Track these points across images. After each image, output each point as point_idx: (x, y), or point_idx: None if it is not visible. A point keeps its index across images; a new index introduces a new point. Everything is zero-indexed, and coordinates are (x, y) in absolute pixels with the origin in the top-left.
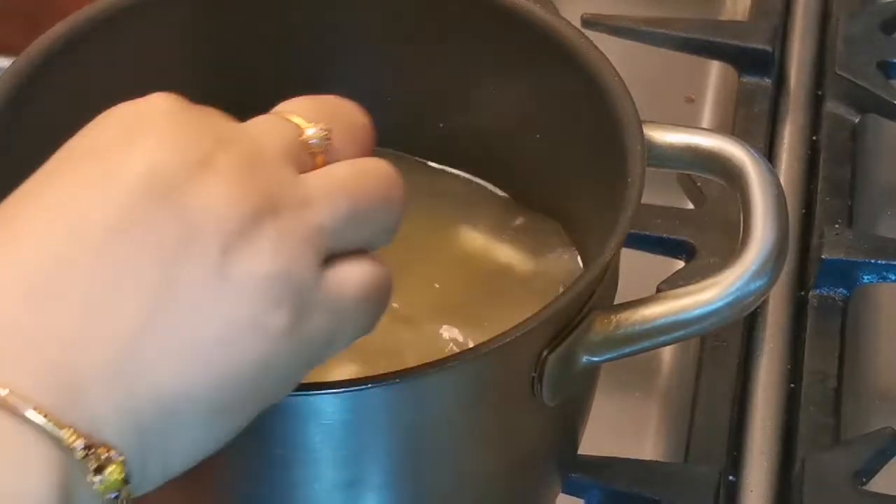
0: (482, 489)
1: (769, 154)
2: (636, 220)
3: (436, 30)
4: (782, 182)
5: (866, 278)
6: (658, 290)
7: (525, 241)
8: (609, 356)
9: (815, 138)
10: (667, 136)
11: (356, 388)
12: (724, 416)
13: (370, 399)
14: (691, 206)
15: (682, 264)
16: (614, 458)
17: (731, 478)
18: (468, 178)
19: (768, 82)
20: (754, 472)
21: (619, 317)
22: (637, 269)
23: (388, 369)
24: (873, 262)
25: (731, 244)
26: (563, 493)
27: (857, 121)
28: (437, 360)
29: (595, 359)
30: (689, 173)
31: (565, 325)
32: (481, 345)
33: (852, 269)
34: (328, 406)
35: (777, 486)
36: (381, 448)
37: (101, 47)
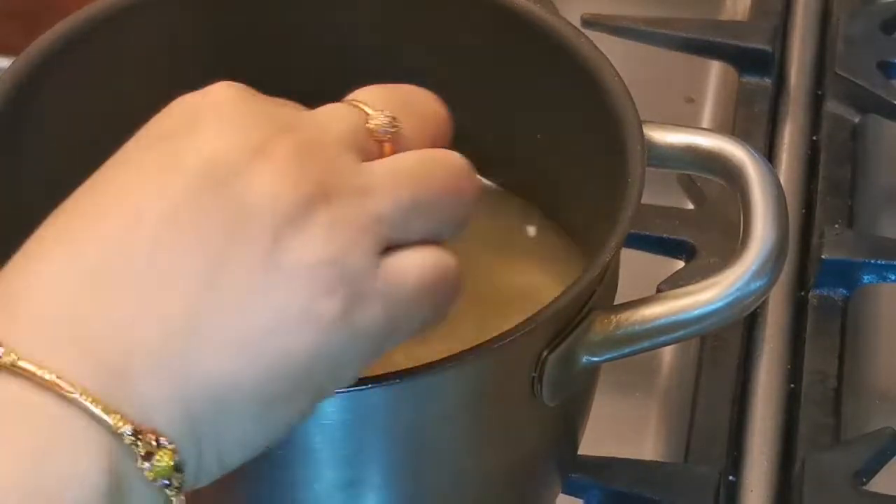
0: (482, 489)
1: (769, 154)
2: (636, 220)
3: (436, 30)
4: (782, 182)
5: (866, 278)
6: (658, 290)
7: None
8: (609, 356)
9: (815, 138)
10: (667, 136)
11: (356, 388)
12: (724, 416)
13: (370, 399)
14: (691, 206)
15: (682, 264)
16: (614, 458)
17: (731, 478)
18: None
19: (768, 82)
20: (754, 472)
21: (619, 317)
22: (637, 269)
23: None
24: (873, 262)
25: (731, 244)
26: (563, 493)
27: (857, 121)
28: (437, 361)
29: (595, 359)
30: (689, 173)
31: (565, 325)
32: (481, 345)
33: (852, 269)
34: (328, 406)
35: (777, 486)
36: (381, 448)
37: (101, 47)
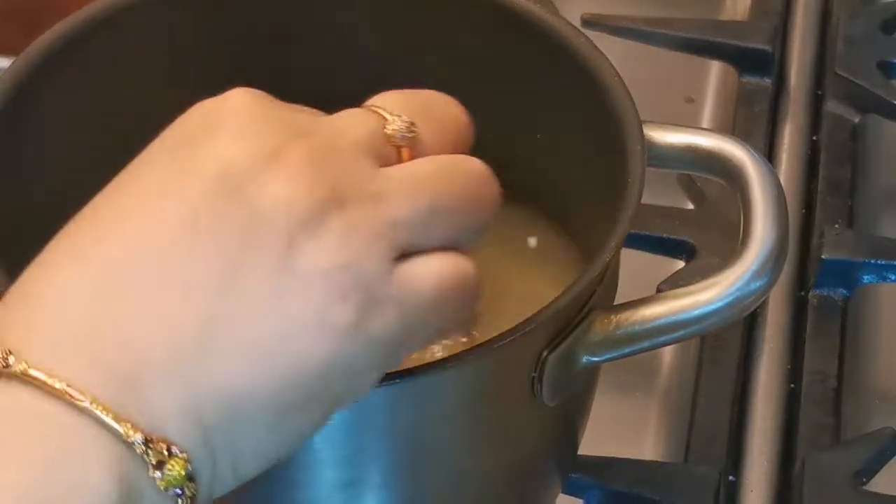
0: (482, 489)
1: (769, 154)
2: (636, 220)
3: (436, 30)
4: (782, 182)
5: (866, 278)
6: (658, 290)
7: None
8: (609, 356)
9: (815, 138)
10: (667, 136)
11: None
12: (724, 416)
13: (370, 399)
14: (691, 206)
15: (682, 264)
16: (614, 458)
17: (731, 478)
18: None
19: (768, 82)
20: (754, 472)
21: (619, 317)
22: (637, 269)
23: None
24: (873, 262)
25: (731, 244)
26: (563, 493)
27: (857, 121)
28: (437, 360)
29: (595, 359)
30: (689, 173)
31: (565, 325)
32: (481, 345)
33: (852, 269)
34: None
35: (777, 486)
36: (381, 448)
37: (101, 47)
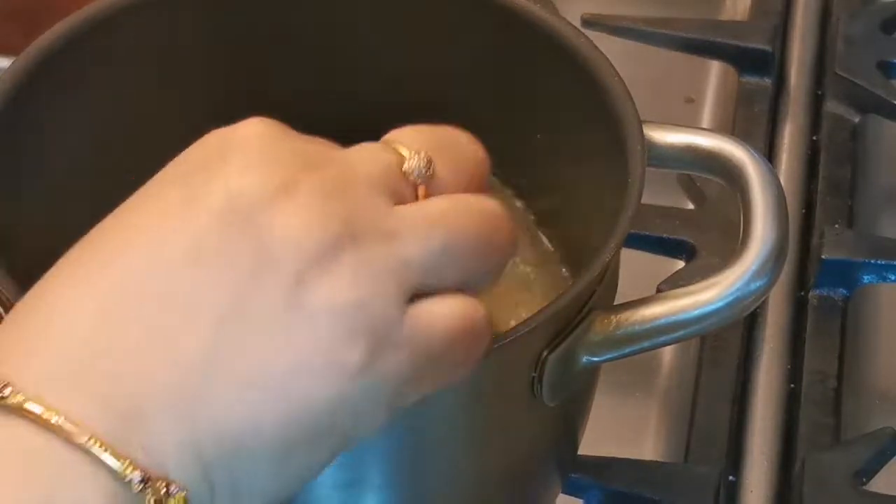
0: (482, 489)
1: (769, 154)
2: (636, 220)
3: (436, 30)
4: (782, 182)
5: (866, 278)
6: (658, 290)
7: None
8: (609, 356)
9: (815, 138)
10: (667, 136)
11: None
12: (724, 416)
13: None
14: (691, 206)
15: (682, 264)
16: (614, 458)
17: (731, 478)
18: None
19: (768, 82)
20: (754, 472)
21: (619, 317)
22: (637, 269)
23: None
24: (873, 262)
25: (731, 244)
26: (563, 493)
27: (857, 121)
28: None
29: (595, 359)
30: (689, 173)
31: (565, 325)
32: None
33: (852, 269)
34: None
35: (777, 486)
36: (381, 448)
37: (101, 47)
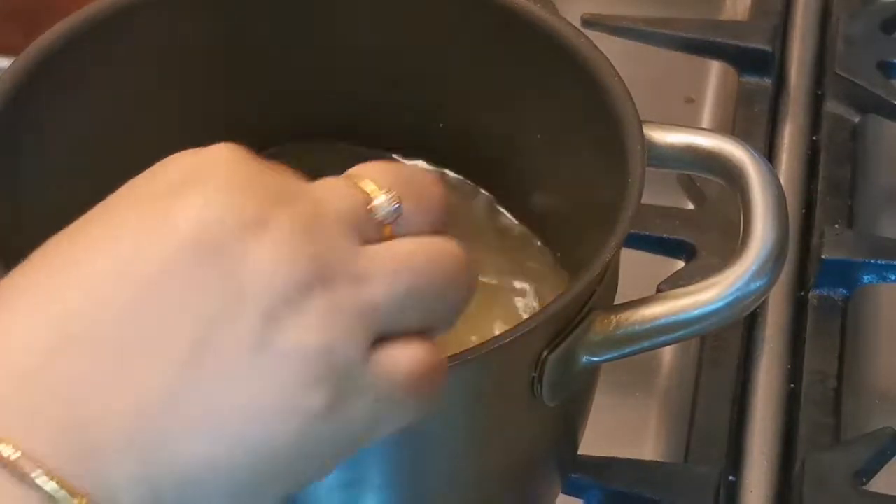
0: (482, 489)
1: (769, 154)
2: (636, 220)
3: (436, 30)
4: (782, 182)
5: (866, 278)
6: (658, 290)
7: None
8: (609, 356)
9: (815, 138)
10: (667, 136)
11: None
12: (724, 416)
13: None
14: (691, 206)
15: (682, 264)
16: (614, 458)
17: (731, 478)
18: (464, 181)
19: (768, 82)
20: (754, 472)
21: (619, 317)
22: (637, 269)
23: None
24: (873, 262)
25: (731, 244)
26: (563, 493)
27: (857, 121)
28: None
29: (595, 359)
30: (689, 173)
31: (565, 325)
32: (481, 345)
33: (852, 269)
34: None
35: (777, 486)
36: (381, 448)
37: (101, 47)
